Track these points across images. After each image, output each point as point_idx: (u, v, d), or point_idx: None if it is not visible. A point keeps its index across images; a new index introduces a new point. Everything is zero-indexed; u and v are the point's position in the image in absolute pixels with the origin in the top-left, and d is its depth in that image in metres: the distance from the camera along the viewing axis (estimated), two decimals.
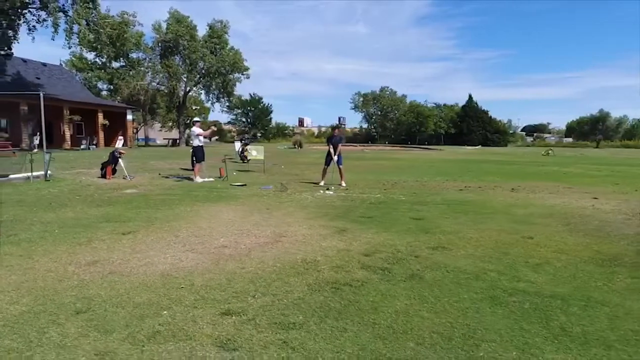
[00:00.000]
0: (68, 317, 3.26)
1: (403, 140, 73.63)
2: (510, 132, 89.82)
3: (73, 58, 42.35)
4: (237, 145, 18.61)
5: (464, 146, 56.23)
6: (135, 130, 54.97)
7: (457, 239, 5.80)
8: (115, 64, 45.03)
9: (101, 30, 24.15)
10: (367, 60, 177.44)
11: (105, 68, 43.09)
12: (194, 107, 62.44)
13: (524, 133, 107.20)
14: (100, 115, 33.13)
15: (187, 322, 3.21)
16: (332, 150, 11.20)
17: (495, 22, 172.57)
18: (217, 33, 41.89)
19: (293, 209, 7.87)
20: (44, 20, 22.48)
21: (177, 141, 45.23)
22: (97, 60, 43.52)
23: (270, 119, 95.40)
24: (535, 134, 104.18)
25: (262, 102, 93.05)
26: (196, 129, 11.58)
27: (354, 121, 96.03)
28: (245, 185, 10.90)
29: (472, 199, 9.33)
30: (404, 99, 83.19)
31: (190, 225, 6.40)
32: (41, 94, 11.75)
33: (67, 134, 30.14)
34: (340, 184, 11.13)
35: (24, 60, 33.25)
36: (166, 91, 42.73)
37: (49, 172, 11.04)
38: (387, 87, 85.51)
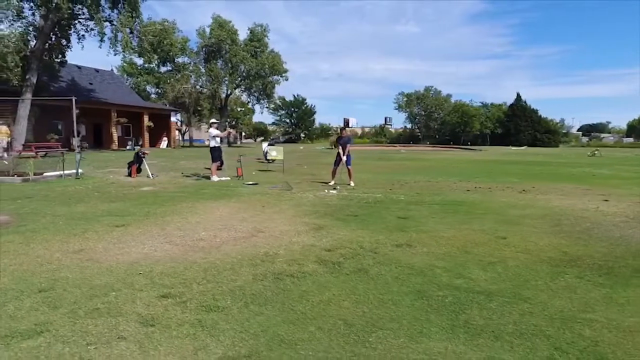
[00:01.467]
0: (30, 294, 3.77)
1: (447, 141, 72.20)
2: (563, 132, 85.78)
3: (124, 64, 44.85)
4: (264, 145, 19.22)
5: (509, 147, 54.32)
6: (182, 132, 57.63)
7: (428, 237, 5.91)
8: (163, 69, 47.48)
9: (143, 38, 25.55)
10: (417, 60, 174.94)
11: (152, 72, 45.35)
12: (239, 109, 64.40)
13: (580, 133, 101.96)
14: (146, 118, 35.01)
15: (126, 302, 3.63)
16: (340, 151, 11.43)
17: (553, 17, 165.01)
18: (257, 36, 43.02)
19: (287, 207, 8.21)
20: (92, 29, 24.13)
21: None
22: (145, 65, 45.89)
23: (314, 119, 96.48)
24: (592, 134, 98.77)
25: (306, 103, 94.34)
26: (213, 131, 12.20)
27: (400, 121, 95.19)
28: (257, 184, 11.37)
29: (473, 199, 9.28)
30: (448, 99, 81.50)
31: (181, 220, 6.89)
32: (73, 99, 12.80)
33: (115, 136, 32.07)
34: (348, 184, 11.34)
35: (79, 67, 35.73)
36: (209, 94, 44.34)
37: (80, 170, 12.02)
38: (432, 87, 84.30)
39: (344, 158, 11.38)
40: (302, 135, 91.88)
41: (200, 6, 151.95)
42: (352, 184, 11.36)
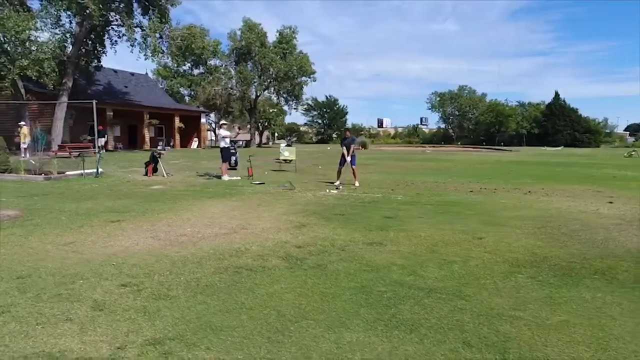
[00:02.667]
0: (8, 280, 4.18)
1: (481, 141, 70.54)
2: (606, 131, 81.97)
3: (159, 67, 46.47)
4: (283, 146, 19.57)
5: (544, 147, 52.51)
6: (216, 132, 59.21)
7: (404, 236, 6.01)
8: (196, 71, 48.96)
9: (172, 42, 26.52)
10: (456, 58, 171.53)
11: (185, 75, 46.81)
12: (271, 110, 65.34)
13: (627, 133, 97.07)
14: (177, 119, 36.22)
15: (88, 289, 3.97)
16: (345, 152, 11.59)
17: (599, 12, 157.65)
18: (286, 38, 43.63)
19: (281, 205, 8.46)
20: (124, 35, 25.27)
21: (249, 142, 47.83)
22: (179, 68, 47.45)
23: (346, 120, 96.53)
24: (638, 134, 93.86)
25: (338, 104, 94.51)
26: (222, 131, 12.64)
27: (435, 122, 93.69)
28: (263, 183, 11.69)
29: (472, 200, 9.24)
30: (483, 98, 79.70)
31: (174, 216, 7.27)
32: (94, 102, 13.49)
33: (147, 136, 33.35)
34: (353, 184, 11.49)
35: (115, 71, 37.35)
36: (239, 95, 45.31)
37: (100, 169, 12.73)
38: (466, 86, 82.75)
39: (349, 158, 11.53)
40: (334, 135, 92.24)
41: (239, 10, 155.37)
42: (356, 184, 11.49)
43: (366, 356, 2.82)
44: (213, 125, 58.15)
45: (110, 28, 25.94)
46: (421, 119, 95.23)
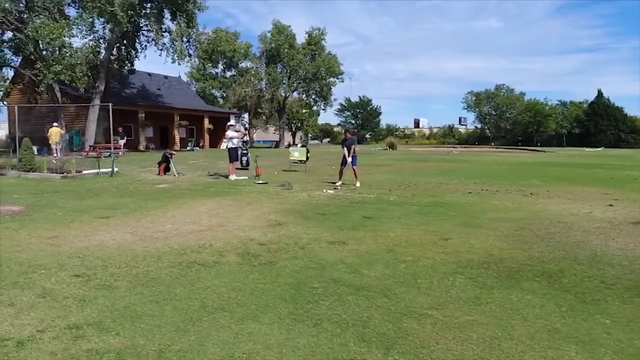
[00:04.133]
0: None
1: (518, 142, 68.31)
2: None
3: (192, 70, 47.89)
4: (292, 148, 19.81)
5: (584, 148, 50.25)
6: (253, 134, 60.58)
7: (371, 236, 6.09)
8: (228, 74, 50.21)
9: (198, 46, 27.37)
10: (498, 57, 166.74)
11: (217, 78, 48.03)
12: (303, 111, 65.95)
13: None
14: (206, 120, 37.23)
15: (44, 278, 4.31)
16: (346, 152, 11.67)
17: None
18: (314, 39, 43.95)
19: (270, 204, 8.68)
20: (153, 39, 26.28)
21: (278, 143, 48.49)
22: (211, 71, 48.79)
23: (379, 120, 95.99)
24: None
25: (371, 104, 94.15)
26: (230, 132, 13.00)
27: (473, 122, 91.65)
28: (266, 183, 11.95)
29: (464, 201, 9.13)
30: (521, 97, 77.21)
31: (161, 214, 7.63)
32: (110, 105, 14.17)
33: (177, 137, 34.48)
34: (354, 184, 11.56)
35: (149, 74, 38.81)
36: (269, 97, 46.02)
37: (115, 169, 13.39)
38: (504, 85, 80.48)
39: (349, 159, 11.60)
40: (368, 136, 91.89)
41: (278, 12, 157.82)
42: (357, 184, 11.55)
43: (256, 345, 2.97)
44: (247, 125, 59.43)
45: (140, 33, 27.01)
46: (459, 118, 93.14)
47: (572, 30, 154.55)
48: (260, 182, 12.04)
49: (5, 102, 31.80)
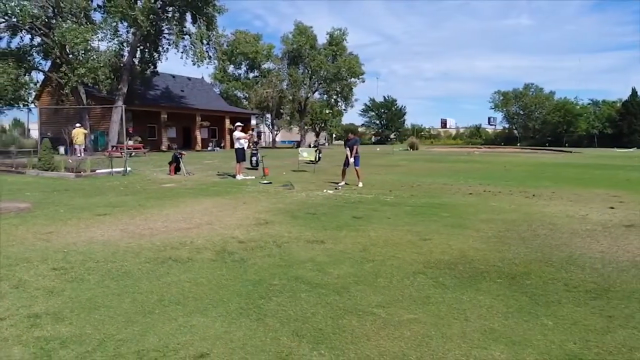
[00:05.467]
0: None
1: (547, 142, 66.46)
2: None
3: (215, 72, 48.75)
4: (301, 148, 19.95)
5: (615, 149, 48.45)
6: (275, 134, 61.25)
7: (352, 236, 6.16)
8: (251, 75, 50.97)
9: (217, 48, 27.88)
10: (530, 55, 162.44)
11: (239, 79, 48.77)
12: (327, 111, 66.18)
13: None
14: (227, 121, 37.83)
15: (23, 271, 4.57)
16: (348, 153, 11.73)
17: None
18: (335, 40, 44.03)
19: (265, 204, 8.83)
20: (173, 42, 26.92)
21: (300, 143, 48.78)
22: (234, 72, 49.65)
23: (404, 120, 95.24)
24: None
25: (396, 104, 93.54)
26: (237, 133, 13.25)
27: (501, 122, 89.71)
28: (270, 183, 12.13)
29: (461, 203, 9.05)
30: (550, 97, 75.09)
31: (156, 212, 7.89)
32: (123, 107, 14.63)
33: (199, 138, 35.18)
34: (357, 184, 11.60)
35: (173, 76, 39.73)
36: (290, 98, 46.39)
37: (128, 168, 13.85)
38: (533, 84, 78.58)
39: (352, 160, 11.66)
40: (393, 136, 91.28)
41: (304, 12, 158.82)
42: (360, 184, 11.59)
43: (193, 337, 3.10)
44: (271, 126, 60.14)
45: (162, 36, 27.72)
46: (489, 118, 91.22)
47: (607, 27, 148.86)
48: (265, 182, 12.23)
49: (36, 104, 33.26)
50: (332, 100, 47.87)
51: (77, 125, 22.92)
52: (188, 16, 27.34)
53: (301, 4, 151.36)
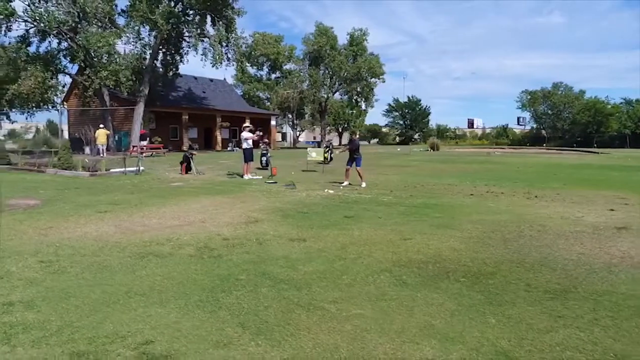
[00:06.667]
0: None
1: (577, 143, 64.52)
2: None
3: (237, 73, 49.47)
4: (310, 148, 20.08)
5: None
6: (298, 134, 62.03)
7: (334, 235, 6.26)
8: (273, 76, 51.59)
9: (237, 50, 28.36)
10: (562, 53, 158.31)
11: (261, 80, 49.37)
12: (351, 111, 66.28)
13: None
14: (247, 122, 38.38)
15: (13, 263, 4.87)
16: (350, 153, 11.82)
17: None
18: (356, 40, 44.07)
19: (262, 203, 9.03)
20: (194, 45, 27.54)
21: (320, 143, 48.99)
22: (256, 73, 50.31)
23: (428, 120, 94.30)
24: None
25: (420, 104, 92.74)
26: (245, 134, 13.53)
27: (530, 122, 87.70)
28: (275, 183, 12.33)
29: (458, 204, 9.02)
30: (580, 96, 72.89)
31: (155, 210, 8.18)
32: (134, 109, 15.08)
33: (219, 138, 35.83)
34: (360, 185, 11.67)
35: (195, 78, 40.58)
36: (311, 98, 46.68)
37: (141, 167, 14.32)
38: (562, 83, 76.53)
39: (352, 163, 11.75)
40: (417, 136, 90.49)
41: (330, 13, 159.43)
42: (363, 185, 11.64)
43: (145, 326, 3.29)
44: (292, 127, 60.70)
45: (183, 39, 28.40)
46: (518, 118, 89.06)
47: None
48: (270, 181, 12.44)
49: (65, 105, 34.56)
50: (353, 100, 47.82)
51: (101, 126, 23.76)
52: (208, 19, 27.94)
53: (327, 5, 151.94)
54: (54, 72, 24.88)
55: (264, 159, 16.34)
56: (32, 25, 23.95)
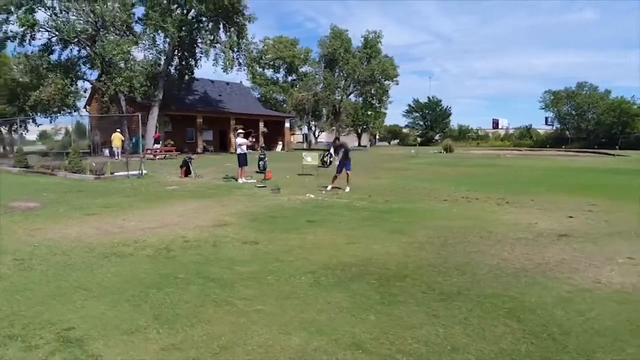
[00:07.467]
0: None
1: (602, 144, 62.91)
2: None
3: (255, 76, 50.49)
4: (305, 153, 20.54)
5: None
6: (318, 135, 62.89)
7: (287, 238, 6.80)
8: (289, 78, 52.48)
9: (247, 55, 29.22)
10: (592, 51, 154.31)
11: (277, 83, 50.27)
12: (369, 112, 66.56)
13: None
14: (261, 124, 39.23)
15: None
16: (337, 157, 12.33)
17: None
18: (370, 43, 44.37)
19: (240, 206, 9.65)
20: (206, 51, 28.53)
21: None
22: (273, 76, 51.28)
23: (449, 121, 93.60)
24: None
25: (441, 105, 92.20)
26: (239, 139, 14.20)
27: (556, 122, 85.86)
28: (264, 187, 12.94)
29: (424, 208, 9.42)
30: (605, 96, 71.05)
31: (138, 213, 8.88)
32: (139, 116, 15.97)
33: (233, 140, 36.76)
34: (345, 189, 12.12)
35: (212, 81, 41.67)
36: (325, 100, 47.24)
37: (144, 171, 15.18)
38: (587, 83, 74.85)
39: (336, 163, 12.25)
40: (437, 137, 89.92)
41: (354, 13, 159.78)
42: (347, 189, 12.09)
43: (74, 315, 3.92)
44: (308, 128, 61.50)
45: (196, 45, 29.43)
46: (546, 118, 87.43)
47: None
48: (260, 185, 13.07)
49: (87, 109, 36.19)
50: (367, 102, 48.14)
51: (118, 130, 24.92)
52: (220, 25, 28.87)
53: (352, 5, 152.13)
54: (73, 78, 26.26)
55: (261, 163, 16.98)
56: (54, 35, 25.34)
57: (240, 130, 14.85)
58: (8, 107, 27.60)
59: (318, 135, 71.34)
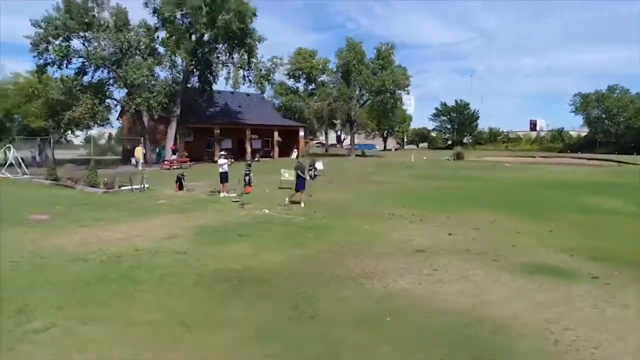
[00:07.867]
0: None
1: (630, 149, 61.46)
2: None
3: (277, 86, 53.45)
4: (283, 170, 22.58)
5: None
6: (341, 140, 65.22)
7: (212, 249, 9.07)
8: (310, 88, 55.06)
9: (257, 73, 31.95)
10: None
11: (297, 92, 52.98)
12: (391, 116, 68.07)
13: None
14: (275, 134, 41.95)
15: None
16: (299, 174, 14.53)
17: None
18: (382, 55, 46.14)
19: (203, 220, 12.00)
20: (217, 72, 31.55)
21: (350, 152, 51.54)
22: (293, 86, 54.09)
23: (477, 125, 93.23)
24: None
25: (469, 108, 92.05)
26: (221, 160, 16.75)
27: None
28: (238, 201, 15.29)
29: (342, 225, 11.41)
30: (635, 99, 69.17)
31: (120, 226, 11.38)
32: (168, 127, 18.71)
33: (248, 149, 39.58)
34: (299, 203, 14.29)
35: (232, 93, 44.67)
36: (339, 110, 49.42)
37: (146, 185, 17.93)
38: (618, 85, 73.21)
39: (297, 181, 14.47)
40: (465, 140, 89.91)
41: (397, 13, 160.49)
42: (302, 204, 14.25)
43: (29, 300, 6.39)
44: (325, 135, 63.84)
45: (212, 65, 32.44)
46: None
47: None
48: (235, 200, 15.47)
49: (120, 122, 40.01)
50: (380, 111, 49.96)
51: (140, 144, 28.23)
52: (232, 47, 31.76)
53: (395, 4, 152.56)
54: (101, 98, 29.80)
55: (247, 178, 19.35)
56: (85, 60, 28.94)
57: (222, 153, 17.33)
58: (48, 122, 31.69)
59: (344, 140, 73.29)
